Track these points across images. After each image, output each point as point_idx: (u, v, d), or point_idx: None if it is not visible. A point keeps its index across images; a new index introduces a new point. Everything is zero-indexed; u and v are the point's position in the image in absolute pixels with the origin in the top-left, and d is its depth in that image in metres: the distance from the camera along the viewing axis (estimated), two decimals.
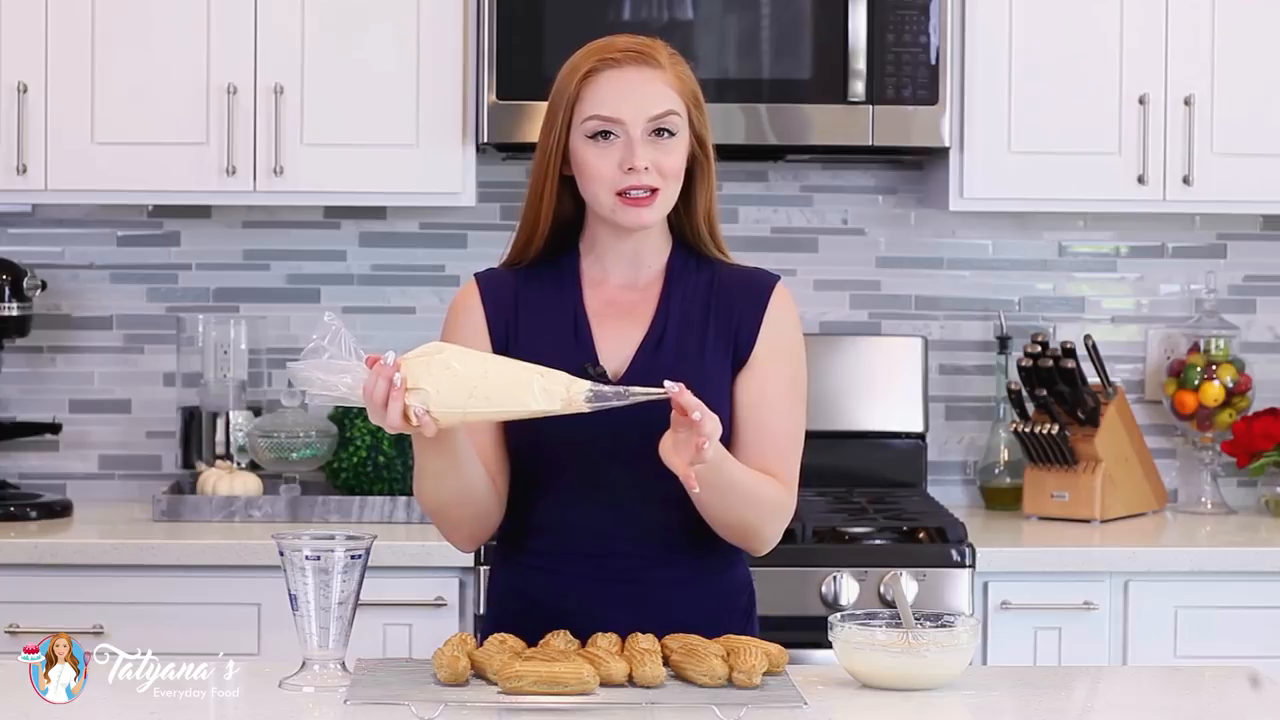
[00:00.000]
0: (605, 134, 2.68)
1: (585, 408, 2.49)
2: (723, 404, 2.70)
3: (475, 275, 2.83)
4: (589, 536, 2.73)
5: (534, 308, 2.76)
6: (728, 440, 2.69)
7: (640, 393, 2.50)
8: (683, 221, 2.79)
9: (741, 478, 2.65)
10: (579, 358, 2.71)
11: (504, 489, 2.76)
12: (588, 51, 2.73)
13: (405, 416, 2.49)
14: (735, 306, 2.76)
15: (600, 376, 2.69)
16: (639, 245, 2.76)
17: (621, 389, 2.50)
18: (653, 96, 2.68)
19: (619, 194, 2.68)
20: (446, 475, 2.64)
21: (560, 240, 2.79)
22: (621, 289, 2.78)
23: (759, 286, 2.78)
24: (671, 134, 2.69)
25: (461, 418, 2.51)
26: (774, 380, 2.75)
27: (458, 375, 2.50)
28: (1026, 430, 4.21)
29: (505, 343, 2.75)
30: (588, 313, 2.76)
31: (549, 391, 2.50)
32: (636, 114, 2.68)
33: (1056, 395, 4.17)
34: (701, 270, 2.79)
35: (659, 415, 2.61)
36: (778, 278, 2.81)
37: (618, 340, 2.74)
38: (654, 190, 2.68)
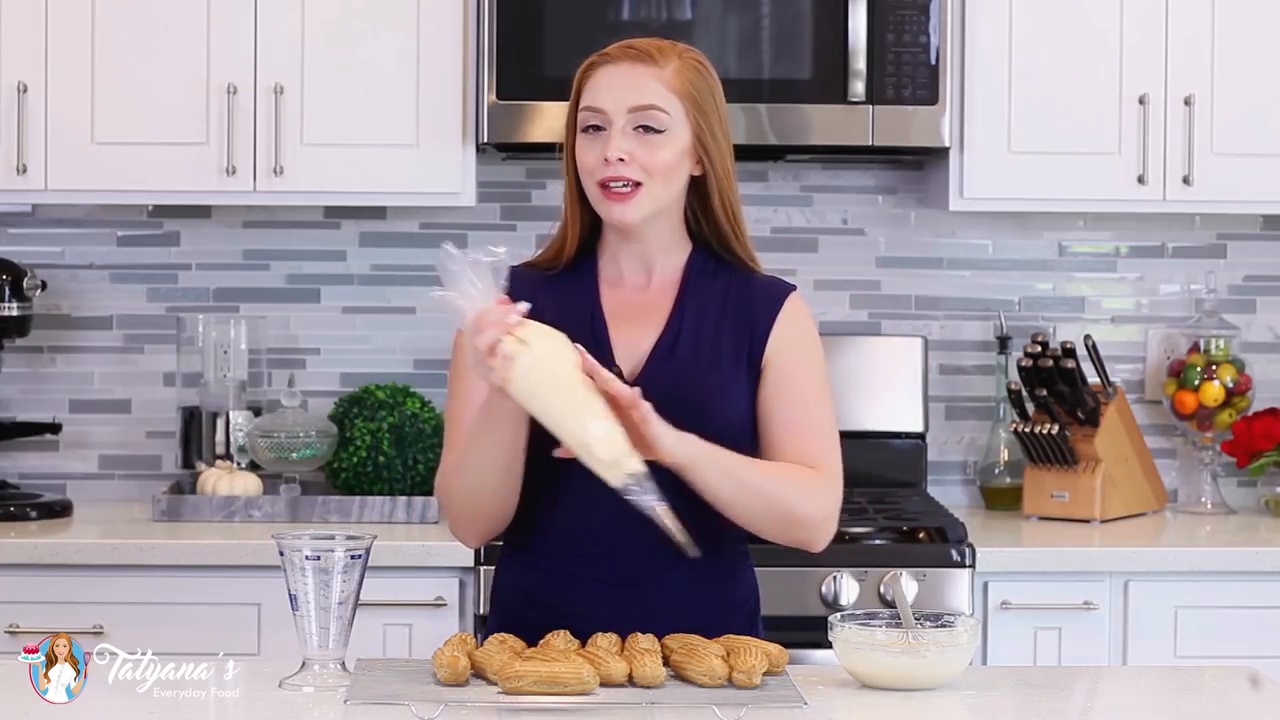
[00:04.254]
0: (595, 126, 2.69)
1: (614, 481, 2.49)
2: (736, 410, 2.71)
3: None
4: (594, 539, 2.72)
5: (553, 307, 2.75)
6: (757, 447, 2.72)
7: (668, 520, 2.51)
8: (702, 225, 2.78)
9: (738, 464, 2.64)
10: (596, 357, 2.71)
11: (517, 493, 2.77)
12: (599, 51, 2.74)
13: (494, 351, 2.47)
14: (750, 314, 2.76)
15: (616, 377, 2.70)
16: (645, 246, 2.76)
17: (658, 506, 2.50)
18: (637, 90, 2.68)
19: (600, 185, 2.68)
20: (492, 466, 2.64)
21: (584, 243, 2.79)
22: (637, 290, 2.78)
23: (774, 295, 2.79)
24: (657, 130, 2.68)
25: (532, 391, 2.48)
26: (795, 378, 2.74)
27: (565, 359, 2.49)
28: (1026, 430, 4.21)
29: None
30: (605, 313, 2.76)
31: (608, 441, 2.48)
32: (617, 104, 2.67)
33: (1056, 395, 4.17)
34: (719, 276, 2.78)
35: (692, 413, 2.63)
36: (794, 287, 2.81)
37: (633, 342, 2.74)
38: (636, 185, 2.68)
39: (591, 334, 2.73)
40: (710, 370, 2.72)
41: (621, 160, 2.66)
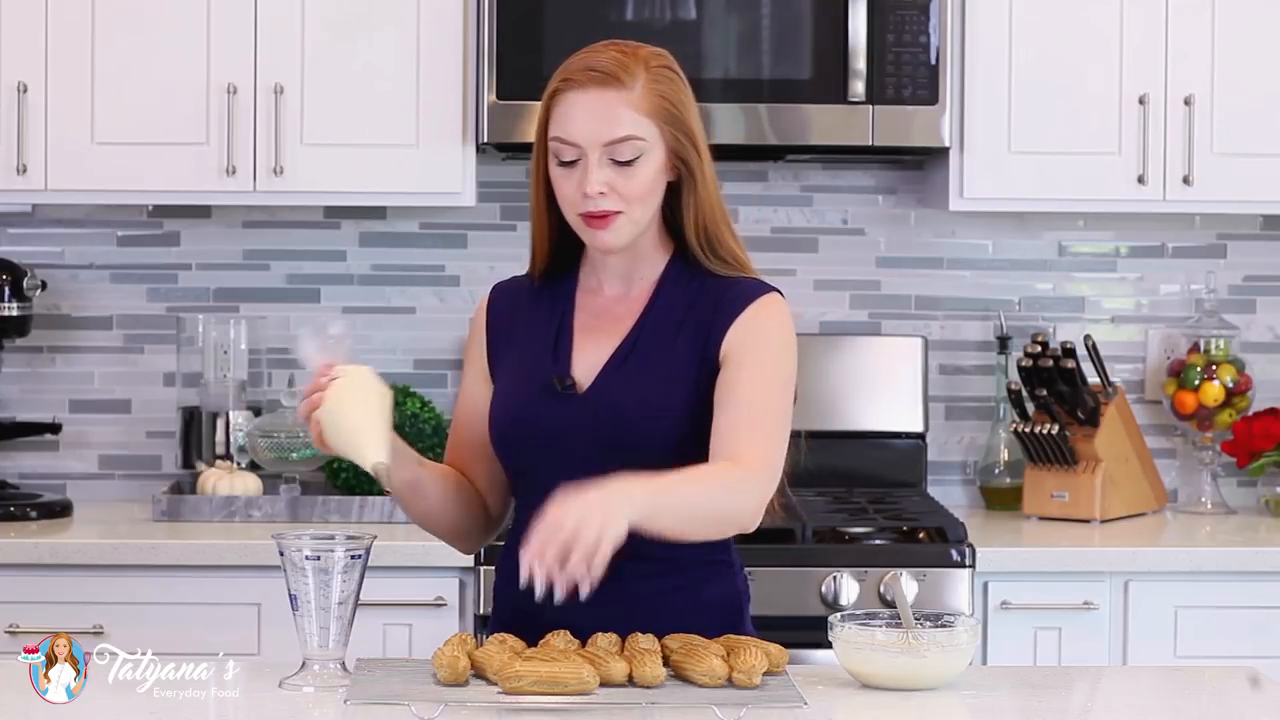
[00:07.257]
0: (569, 160, 2.65)
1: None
2: (682, 407, 2.66)
3: (495, 285, 2.85)
4: None
5: (527, 319, 2.75)
6: (701, 450, 2.65)
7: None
8: (683, 226, 2.76)
9: (676, 497, 2.55)
10: (553, 370, 2.71)
11: (501, 500, 2.81)
12: (563, 68, 2.69)
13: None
14: (712, 316, 2.70)
15: (568, 389, 2.69)
16: (625, 258, 2.74)
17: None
18: (610, 122, 2.63)
19: (581, 215, 2.67)
20: (412, 506, 2.75)
21: (575, 250, 2.78)
22: (614, 300, 2.76)
23: (743, 296, 2.71)
24: (631, 160, 2.64)
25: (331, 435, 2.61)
26: (741, 369, 2.65)
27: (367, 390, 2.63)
28: (1026, 430, 4.21)
29: (493, 354, 2.78)
30: (573, 325, 2.75)
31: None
32: (591, 139, 2.63)
33: (1056, 395, 4.17)
34: (695, 280, 2.75)
35: (641, 424, 2.63)
36: (767, 289, 2.73)
37: (593, 352, 2.72)
38: (615, 213, 2.66)
39: (555, 348, 2.72)
40: (658, 371, 2.68)
41: (601, 193, 2.64)
